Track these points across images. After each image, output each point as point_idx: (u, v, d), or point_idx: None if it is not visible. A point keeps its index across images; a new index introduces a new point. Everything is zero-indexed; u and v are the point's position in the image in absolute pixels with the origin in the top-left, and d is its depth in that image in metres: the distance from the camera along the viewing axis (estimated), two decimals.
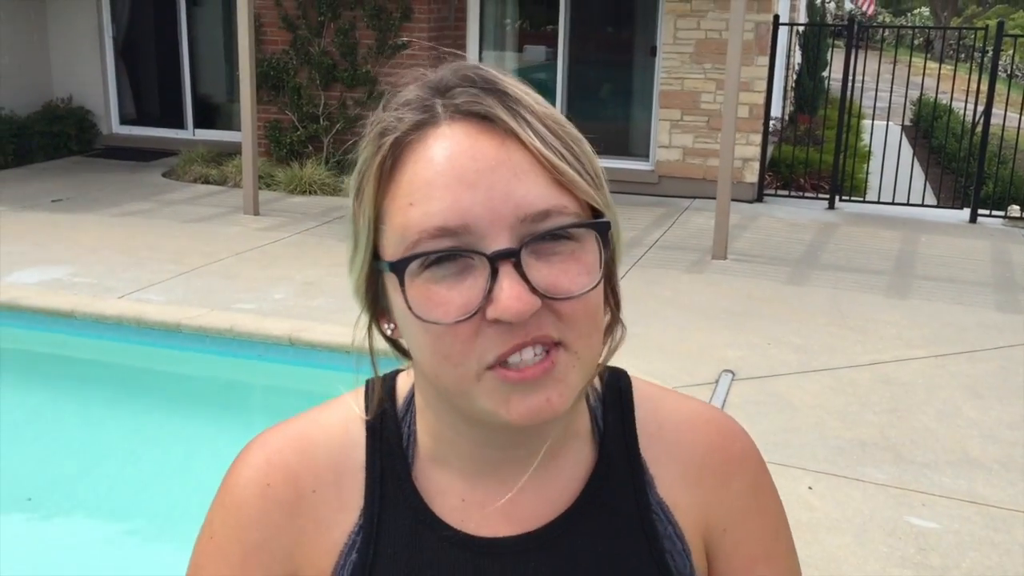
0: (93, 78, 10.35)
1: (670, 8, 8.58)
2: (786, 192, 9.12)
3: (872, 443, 3.98)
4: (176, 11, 10.17)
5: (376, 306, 0.78)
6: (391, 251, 0.72)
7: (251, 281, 5.86)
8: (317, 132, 9.09)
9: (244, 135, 7.62)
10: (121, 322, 5.06)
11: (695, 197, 8.62)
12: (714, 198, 6.91)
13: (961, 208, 8.64)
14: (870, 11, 21.18)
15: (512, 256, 0.68)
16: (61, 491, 4.06)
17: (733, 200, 7.09)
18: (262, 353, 4.83)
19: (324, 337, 4.76)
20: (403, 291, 0.70)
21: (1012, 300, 6.07)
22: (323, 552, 0.79)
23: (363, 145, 0.76)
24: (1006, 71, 21.39)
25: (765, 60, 8.49)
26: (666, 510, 0.82)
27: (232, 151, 9.22)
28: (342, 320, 5.07)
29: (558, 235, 0.70)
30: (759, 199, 8.80)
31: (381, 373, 0.86)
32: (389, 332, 0.79)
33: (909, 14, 42.75)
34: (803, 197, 9.06)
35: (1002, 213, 8.40)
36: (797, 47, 14.38)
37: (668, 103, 8.74)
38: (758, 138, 8.61)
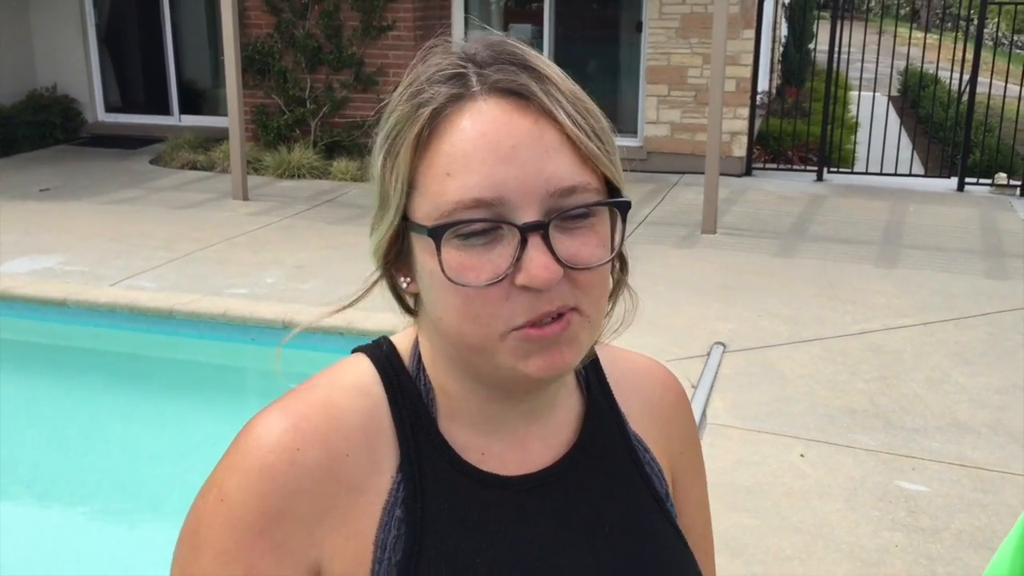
0: (77, 66, 10.29)
1: None
2: (774, 165, 9.15)
3: (862, 411, 4.03)
4: None
5: (394, 262, 0.83)
6: (423, 215, 0.76)
7: (243, 266, 5.86)
8: (304, 116, 9.06)
9: (231, 120, 7.59)
10: (114, 309, 5.06)
11: (684, 172, 8.63)
12: (703, 173, 6.92)
13: (949, 177, 8.67)
14: None
15: (541, 228, 0.74)
16: (59, 478, 4.08)
17: (722, 174, 7.10)
18: (256, 337, 4.84)
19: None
20: (439, 255, 0.74)
21: (1000, 267, 6.12)
22: (359, 515, 0.79)
23: (391, 109, 0.79)
24: (991, 39, 21.34)
25: (751, 33, 8.48)
26: (641, 441, 0.93)
27: (219, 136, 9.18)
28: (335, 302, 5.09)
29: (576, 211, 0.76)
30: (747, 173, 8.82)
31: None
32: (405, 286, 0.84)
33: None
34: (791, 170, 9.09)
35: (989, 181, 8.44)
36: (783, 19, 14.36)
37: (655, 79, 8.73)
38: (745, 112, 8.62)
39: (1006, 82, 9.09)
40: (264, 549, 0.76)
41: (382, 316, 0.88)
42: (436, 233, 0.74)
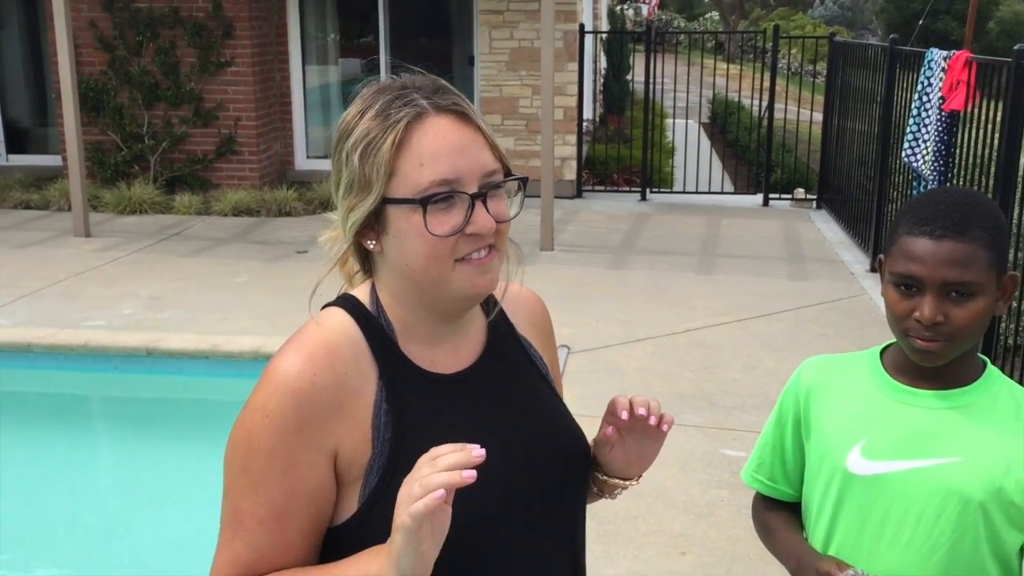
0: None
1: (484, 20, 9.11)
2: (602, 187, 9.86)
3: (690, 395, 4.58)
4: None
5: (361, 230, 1.20)
6: (403, 192, 1.15)
7: (96, 299, 5.90)
8: (143, 151, 9.04)
9: (70, 157, 7.54)
10: None
11: None
12: (538, 196, 7.45)
13: (755, 193, 9.62)
14: (651, 15, 22.48)
15: (481, 196, 1.16)
16: None
17: (556, 197, 7.66)
18: (119, 365, 4.94)
19: (181, 345, 4.93)
20: (424, 216, 1.13)
21: (800, 270, 6.93)
22: (360, 410, 1.16)
23: (353, 124, 1.18)
24: (791, 69, 23.25)
25: (575, 66, 9.15)
26: (527, 340, 1.36)
27: (50, 175, 9.04)
28: (195, 328, 5.25)
29: (499, 184, 1.19)
30: (579, 195, 9.46)
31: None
32: (371, 246, 1.21)
33: (701, 18, 45.69)
34: (618, 191, 9.81)
35: (789, 196, 9.42)
36: (602, 53, 15.31)
37: (489, 109, 9.25)
38: (573, 138, 9.27)
39: (799, 107, 10.14)
40: (301, 443, 1.13)
41: (244, 339, 1.22)
42: (424, 202, 1.13)
